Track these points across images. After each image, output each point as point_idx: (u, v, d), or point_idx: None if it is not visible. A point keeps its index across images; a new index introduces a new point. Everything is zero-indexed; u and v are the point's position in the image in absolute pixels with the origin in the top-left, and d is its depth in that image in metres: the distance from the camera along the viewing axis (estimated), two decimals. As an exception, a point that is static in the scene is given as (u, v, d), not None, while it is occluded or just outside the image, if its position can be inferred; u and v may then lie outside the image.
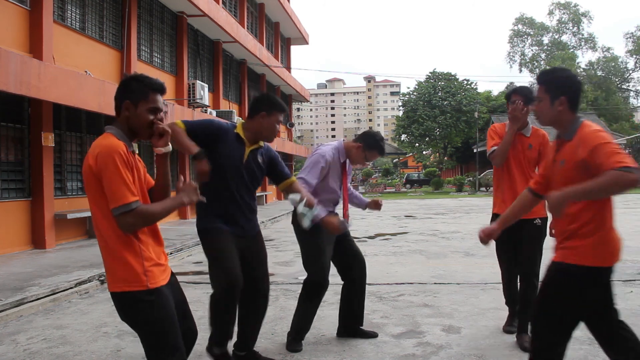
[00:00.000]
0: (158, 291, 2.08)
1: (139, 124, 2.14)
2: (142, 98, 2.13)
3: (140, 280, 2.04)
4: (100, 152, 2.01)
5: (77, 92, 8.59)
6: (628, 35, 44.08)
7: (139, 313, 2.08)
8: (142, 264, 2.05)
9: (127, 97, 2.14)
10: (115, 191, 1.98)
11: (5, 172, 8.38)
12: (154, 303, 2.06)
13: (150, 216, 2.06)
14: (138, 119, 2.13)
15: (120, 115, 2.15)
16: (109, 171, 1.98)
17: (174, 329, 2.12)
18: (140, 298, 2.05)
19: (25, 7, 8.55)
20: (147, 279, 2.05)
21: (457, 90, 42.53)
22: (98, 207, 2.05)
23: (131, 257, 2.04)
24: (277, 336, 3.95)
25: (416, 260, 7.44)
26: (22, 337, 4.14)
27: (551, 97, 2.40)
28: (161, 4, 13.64)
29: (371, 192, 35.26)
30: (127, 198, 1.98)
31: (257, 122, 3.18)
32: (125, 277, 2.04)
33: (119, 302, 2.09)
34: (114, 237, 2.04)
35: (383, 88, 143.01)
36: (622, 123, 40.84)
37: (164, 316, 2.09)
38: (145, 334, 2.11)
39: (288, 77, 24.78)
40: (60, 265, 6.94)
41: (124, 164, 2.01)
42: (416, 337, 3.86)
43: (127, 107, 2.13)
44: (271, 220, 14.47)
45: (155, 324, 2.08)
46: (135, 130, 2.16)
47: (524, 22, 47.42)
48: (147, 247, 2.10)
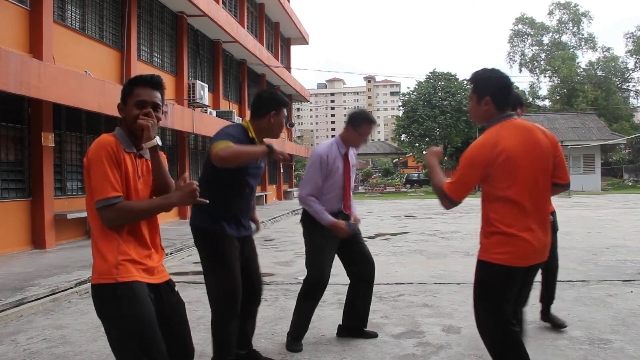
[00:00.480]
0: (128, 286, 2.00)
1: (130, 120, 2.15)
2: (128, 95, 2.16)
3: (110, 273, 2.00)
4: (90, 148, 2.05)
5: (77, 92, 8.59)
6: (628, 35, 44.04)
7: (104, 307, 2.03)
8: (115, 257, 2.02)
9: (121, 99, 2.19)
10: (98, 185, 2.00)
11: (5, 172, 8.38)
12: (120, 299, 1.99)
13: (130, 213, 2.03)
14: (128, 115, 2.15)
15: (122, 117, 2.20)
16: (94, 165, 2.01)
17: (144, 333, 2.00)
18: (108, 291, 2.00)
19: (25, 7, 8.54)
20: (118, 272, 2.00)
21: (457, 90, 42.48)
22: (90, 201, 2.07)
23: (107, 250, 2.03)
24: (277, 336, 3.95)
25: (416, 260, 7.44)
26: (22, 337, 4.14)
27: (478, 97, 2.58)
28: (161, 4, 13.63)
29: (371, 192, 35.24)
30: (107, 192, 1.99)
31: (267, 122, 3.17)
32: (100, 270, 2.03)
33: (93, 295, 2.07)
34: (96, 230, 2.06)
35: (383, 88, 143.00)
36: (622, 123, 40.79)
37: (131, 315, 1.98)
38: (108, 333, 2.05)
39: (288, 77, 24.77)
40: (60, 265, 6.94)
41: (110, 159, 2.01)
42: (416, 337, 3.86)
43: (120, 108, 2.19)
44: (271, 220, 14.47)
45: (119, 321, 2.00)
46: (132, 130, 2.16)
47: (524, 22, 47.40)
48: (128, 244, 2.07)
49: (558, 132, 30.65)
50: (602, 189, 29.80)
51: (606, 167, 38.72)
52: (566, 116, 33.42)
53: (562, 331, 3.91)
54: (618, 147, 40.55)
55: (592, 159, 30.07)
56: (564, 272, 6.17)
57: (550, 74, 43.94)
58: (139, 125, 2.11)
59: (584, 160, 29.94)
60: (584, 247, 8.18)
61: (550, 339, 3.70)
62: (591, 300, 4.77)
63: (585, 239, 9.28)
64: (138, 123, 2.11)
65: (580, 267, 6.51)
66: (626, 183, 34.07)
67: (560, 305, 4.61)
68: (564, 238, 9.44)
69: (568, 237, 9.49)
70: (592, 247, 8.22)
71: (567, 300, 4.81)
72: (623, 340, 3.63)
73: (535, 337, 3.74)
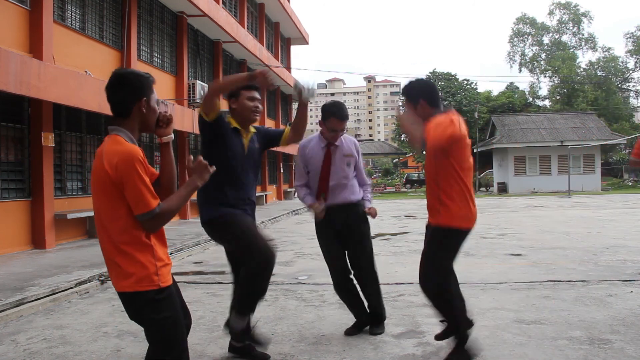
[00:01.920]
0: (168, 290, 2.13)
1: (154, 118, 2.18)
2: (150, 92, 2.16)
3: (152, 280, 2.07)
4: (120, 161, 1.99)
5: (77, 92, 8.59)
6: (628, 35, 44.05)
7: (151, 312, 2.10)
8: (154, 265, 2.08)
9: (140, 94, 2.12)
10: (139, 199, 2.01)
11: (5, 172, 8.37)
12: (164, 302, 2.10)
13: (172, 213, 2.11)
14: (153, 113, 2.17)
15: (132, 114, 2.12)
16: (132, 180, 1.99)
17: (182, 329, 2.18)
18: (152, 297, 2.08)
19: (25, 7, 8.54)
20: (159, 278, 2.09)
21: (457, 90, 42.52)
22: (110, 210, 2.05)
23: (144, 258, 2.06)
24: (277, 336, 3.95)
25: (416, 260, 7.37)
26: (22, 337, 4.14)
27: (413, 104, 3.14)
28: (161, 4, 13.64)
29: (371, 192, 35.18)
30: (151, 204, 2.02)
31: (233, 110, 3.39)
32: (138, 278, 2.05)
33: (130, 302, 2.11)
34: (126, 239, 2.04)
35: (383, 88, 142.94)
36: (622, 123, 40.79)
37: (173, 316, 2.13)
38: (155, 333, 2.14)
39: (288, 77, 24.76)
40: (60, 265, 6.94)
41: (144, 170, 2.03)
42: (416, 337, 3.86)
43: (143, 104, 2.13)
44: (271, 220, 14.47)
45: (165, 323, 2.12)
46: (147, 126, 2.18)
47: (524, 22, 47.39)
48: (157, 248, 2.13)
49: (558, 132, 30.67)
50: (602, 189, 29.81)
51: (606, 167, 38.73)
52: (566, 116, 33.42)
53: (561, 331, 3.91)
54: (618, 147, 40.56)
55: (592, 159, 30.07)
56: (564, 272, 6.17)
57: (551, 74, 43.92)
58: (167, 118, 2.23)
59: (584, 160, 29.94)
60: (584, 247, 8.18)
61: (550, 339, 3.70)
62: (591, 300, 4.77)
63: (585, 239, 9.27)
64: (166, 116, 2.22)
65: (580, 267, 6.51)
66: (626, 183, 34.09)
67: (560, 305, 4.61)
68: (564, 238, 9.45)
69: (568, 237, 9.49)
70: (592, 247, 8.22)
71: (567, 300, 4.81)
72: (623, 340, 3.63)
73: (535, 337, 3.74)
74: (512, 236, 9.88)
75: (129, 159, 1.99)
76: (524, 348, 3.53)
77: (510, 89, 47.69)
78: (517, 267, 6.64)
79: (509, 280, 5.77)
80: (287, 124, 26.82)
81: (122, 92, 2.11)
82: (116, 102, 2.13)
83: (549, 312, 4.41)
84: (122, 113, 2.12)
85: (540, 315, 4.30)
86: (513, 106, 42.68)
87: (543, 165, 30.22)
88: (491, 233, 10.42)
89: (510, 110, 41.27)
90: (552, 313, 4.36)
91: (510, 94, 45.55)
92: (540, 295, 5.01)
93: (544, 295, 5.01)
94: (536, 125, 31.73)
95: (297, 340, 3.84)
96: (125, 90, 2.11)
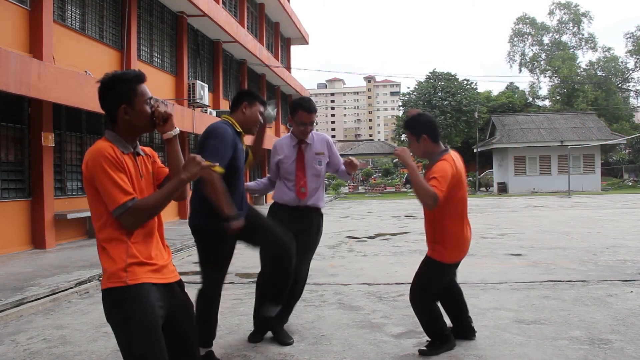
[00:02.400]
0: (136, 289, 2.00)
1: (142, 120, 2.11)
2: (133, 96, 2.09)
3: (119, 277, 2.00)
4: (89, 160, 2.02)
5: (77, 92, 8.59)
6: (628, 35, 44.02)
7: (113, 311, 2.02)
8: (124, 260, 2.01)
9: (120, 101, 2.08)
10: (109, 194, 1.98)
11: (5, 172, 8.37)
12: (128, 302, 1.99)
13: (147, 209, 2.02)
14: (139, 116, 2.10)
15: (119, 121, 2.10)
16: (98, 176, 1.98)
17: (148, 336, 1.99)
18: (116, 295, 2.00)
19: (25, 7, 8.54)
20: (127, 275, 2.00)
21: (457, 90, 42.49)
22: (94, 209, 2.07)
23: (116, 253, 2.01)
24: (277, 336, 3.95)
25: (416, 260, 7.39)
26: (22, 337, 4.14)
27: (416, 137, 3.40)
28: (161, 4, 13.63)
29: (371, 192, 35.24)
30: (120, 199, 1.98)
31: (241, 114, 3.38)
32: (109, 273, 2.02)
33: (103, 300, 2.06)
34: (103, 234, 2.04)
35: (383, 88, 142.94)
36: (622, 123, 40.76)
37: (136, 319, 1.99)
38: (117, 336, 2.05)
39: (288, 77, 24.77)
40: (60, 265, 6.94)
41: (112, 165, 1.99)
42: (416, 337, 3.85)
43: (126, 110, 2.08)
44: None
45: (126, 325, 2.00)
46: (138, 129, 2.14)
47: (524, 22, 47.37)
48: (138, 246, 2.06)
49: (558, 132, 30.67)
50: (602, 189, 29.80)
51: (606, 167, 38.73)
52: (566, 116, 33.41)
53: (561, 331, 3.91)
54: (618, 147, 40.56)
55: (592, 159, 30.06)
56: (564, 272, 6.17)
57: (551, 74, 43.91)
58: (162, 116, 2.11)
59: (584, 160, 29.94)
60: (584, 247, 8.18)
61: (550, 339, 3.70)
62: (591, 300, 4.77)
63: (585, 239, 9.27)
64: (159, 115, 2.11)
65: (580, 267, 6.51)
66: (626, 183, 34.07)
67: (560, 305, 4.61)
68: (564, 238, 9.45)
69: (568, 237, 9.49)
70: (592, 247, 8.22)
71: (567, 300, 4.81)
72: (623, 340, 3.63)
73: (535, 337, 3.74)
74: (512, 236, 9.88)
75: (95, 157, 2.00)
76: (524, 348, 3.53)
77: (510, 89, 47.69)
78: (517, 267, 6.64)
79: (509, 280, 5.77)
80: (287, 124, 26.87)
81: (105, 100, 2.11)
82: (103, 109, 2.13)
83: (549, 312, 4.41)
84: (110, 120, 2.13)
85: (540, 315, 4.30)
86: (513, 106, 42.67)
87: (543, 165, 30.22)
88: (491, 233, 10.42)
89: (510, 110, 41.26)
90: (552, 313, 4.36)
91: (510, 94, 45.54)
92: (540, 295, 5.01)
93: (544, 295, 5.01)
94: (536, 125, 31.72)
95: (297, 340, 3.84)
96: (106, 99, 2.11)
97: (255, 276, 4.59)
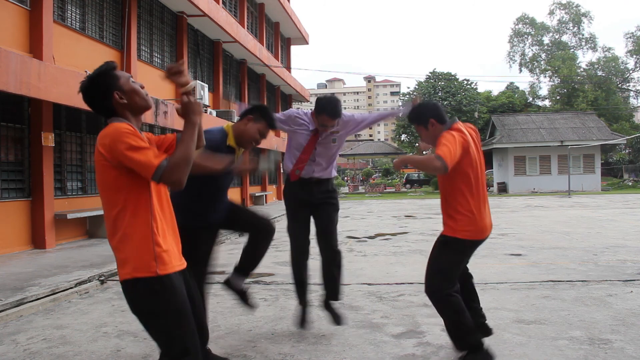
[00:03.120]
0: (168, 279, 2.02)
1: (139, 96, 2.13)
2: (117, 79, 2.10)
3: (149, 267, 1.99)
4: (109, 140, 1.99)
5: (77, 92, 8.58)
6: (628, 35, 44.04)
7: (146, 302, 2.02)
8: (152, 250, 2.00)
9: (110, 90, 2.09)
10: (142, 163, 1.95)
11: (5, 172, 8.38)
12: (162, 292, 2.00)
13: (182, 159, 1.98)
14: (133, 94, 2.11)
15: (118, 109, 2.11)
16: (124, 151, 1.96)
17: (187, 326, 2.05)
18: (146, 285, 1.99)
19: (25, 7, 8.55)
20: (157, 265, 2.00)
21: (457, 90, 42.54)
22: (108, 196, 2.04)
23: (141, 242, 2.00)
24: (277, 336, 3.95)
25: (416, 260, 7.43)
26: (22, 337, 4.14)
27: (424, 125, 3.31)
28: (161, 4, 13.64)
29: (371, 192, 35.23)
30: (155, 161, 1.95)
31: (243, 125, 3.26)
32: (135, 264, 1.99)
33: (128, 291, 2.04)
34: (124, 223, 2.01)
35: (383, 88, 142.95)
36: (622, 123, 40.78)
37: (172, 309, 2.02)
38: (149, 326, 2.06)
39: (288, 77, 24.77)
40: (60, 265, 6.95)
41: (135, 137, 1.98)
42: (416, 337, 3.86)
43: (119, 95, 2.10)
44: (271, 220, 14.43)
45: (163, 316, 2.02)
46: (138, 108, 2.14)
47: (524, 22, 47.39)
48: (161, 233, 2.05)
49: (558, 132, 30.66)
50: (602, 189, 29.80)
51: (606, 167, 38.73)
52: (566, 116, 33.41)
53: (561, 331, 3.91)
54: (618, 147, 40.57)
55: (592, 159, 30.06)
56: (564, 272, 6.17)
57: (551, 74, 43.93)
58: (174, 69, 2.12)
59: (584, 160, 29.93)
60: (584, 247, 8.18)
61: (550, 339, 3.71)
62: (591, 300, 4.77)
63: (585, 239, 9.27)
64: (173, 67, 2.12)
65: (580, 267, 6.51)
66: (626, 183, 34.07)
67: (560, 305, 4.61)
68: (564, 238, 9.45)
69: (568, 237, 9.49)
70: (592, 247, 8.22)
71: (567, 300, 4.81)
72: (623, 340, 3.63)
73: (535, 337, 3.74)
74: (512, 236, 9.88)
75: (115, 134, 1.98)
76: (524, 348, 3.53)
77: (510, 89, 47.71)
78: (517, 267, 6.64)
79: (509, 280, 5.77)
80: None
81: (95, 100, 2.12)
82: (99, 110, 2.13)
83: (549, 312, 4.41)
84: (109, 113, 2.12)
85: (540, 315, 4.30)
86: (513, 106, 42.70)
87: (543, 165, 30.22)
88: (491, 233, 10.41)
89: (510, 110, 41.29)
90: (552, 313, 4.36)
91: (510, 94, 45.57)
92: (540, 295, 5.01)
93: (544, 295, 5.01)
94: (536, 125, 31.72)
95: (297, 340, 3.84)
96: (96, 98, 2.11)
97: (255, 276, 4.60)
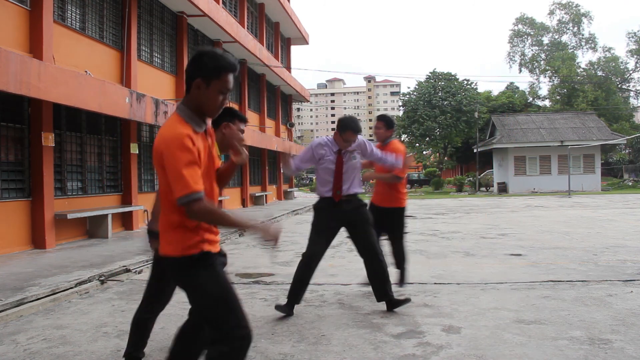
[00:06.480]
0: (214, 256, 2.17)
1: (209, 104, 2.11)
2: (215, 76, 2.07)
3: (198, 246, 2.12)
4: (165, 148, 2.02)
5: (77, 92, 8.59)
6: (630, 35, 44.02)
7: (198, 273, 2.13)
8: (202, 235, 2.14)
9: (199, 73, 2.07)
10: (178, 180, 2.00)
11: (5, 172, 8.37)
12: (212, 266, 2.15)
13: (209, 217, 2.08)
14: (207, 98, 2.09)
15: (191, 92, 2.10)
16: (171, 158, 2.00)
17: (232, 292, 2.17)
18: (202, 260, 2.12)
19: (25, 7, 8.54)
20: (204, 245, 2.15)
21: (457, 90, 42.51)
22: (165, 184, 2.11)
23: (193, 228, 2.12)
24: (277, 336, 3.95)
25: (416, 260, 7.43)
26: (22, 337, 4.14)
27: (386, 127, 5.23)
28: (161, 4, 13.63)
29: (371, 192, 35.22)
30: (189, 188, 2.00)
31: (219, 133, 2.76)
32: (187, 244, 2.11)
33: (180, 266, 2.14)
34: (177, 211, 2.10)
35: (383, 88, 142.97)
36: (622, 123, 40.79)
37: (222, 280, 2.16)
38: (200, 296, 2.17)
39: (288, 77, 24.76)
40: (60, 265, 6.94)
41: (187, 151, 1.99)
42: (416, 337, 3.86)
43: (198, 85, 2.08)
44: (271, 221, 14.47)
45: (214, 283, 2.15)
46: (203, 111, 2.12)
47: (524, 22, 47.40)
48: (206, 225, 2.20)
49: (558, 132, 30.67)
50: (602, 189, 29.82)
51: (606, 167, 38.75)
52: (566, 116, 33.42)
53: (561, 331, 3.91)
54: (618, 147, 40.58)
55: (592, 159, 30.07)
56: (564, 272, 6.17)
57: (550, 74, 43.93)
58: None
59: (584, 160, 29.95)
60: (584, 247, 8.18)
61: (551, 339, 3.71)
62: (591, 300, 4.77)
63: (585, 239, 9.27)
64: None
65: (580, 267, 6.51)
66: (626, 183, 34.08)
67: (560, 305, 4.61)
68: (564, 238, 9.45)
69: (568, 237, 9.49)
70: (592, 247, 8.22)
71: (567, 300, 4.81)
72: (623, 340, 3.63)
73: (535, 337, 3.74)
74: (512, 236, 9.88)
75: (172, 142, 2.01)
76: (524, 348, 3.53)
77: (510, 89, 47.71)
78: (517, 267, 6.64)
79: (509, 280, 5.77)
80: (287, 124, 26.85)
81: (189, 67, 2.12)
82: (186, 75, 2.14)
83: (549, 312, 4.41)
84: (186, 89, 2.13)
85: (540, 315, 4.30)
86: (513, 106, 42.70)
87: (543, 165, 30.23)
88: (491, 233, 10.42)
89: (510, 110, 41.29)
90: (552, 313, 4.36)
91: (510, 94, 45.57)
92: (540, 295, 5.01)
93: (544, 295, 5.01)
94: (536, 125, 31.73)
95: (297, 340, 3.84)
96: (191, 66, 2.11)
97: (255, 276, 4.58)
